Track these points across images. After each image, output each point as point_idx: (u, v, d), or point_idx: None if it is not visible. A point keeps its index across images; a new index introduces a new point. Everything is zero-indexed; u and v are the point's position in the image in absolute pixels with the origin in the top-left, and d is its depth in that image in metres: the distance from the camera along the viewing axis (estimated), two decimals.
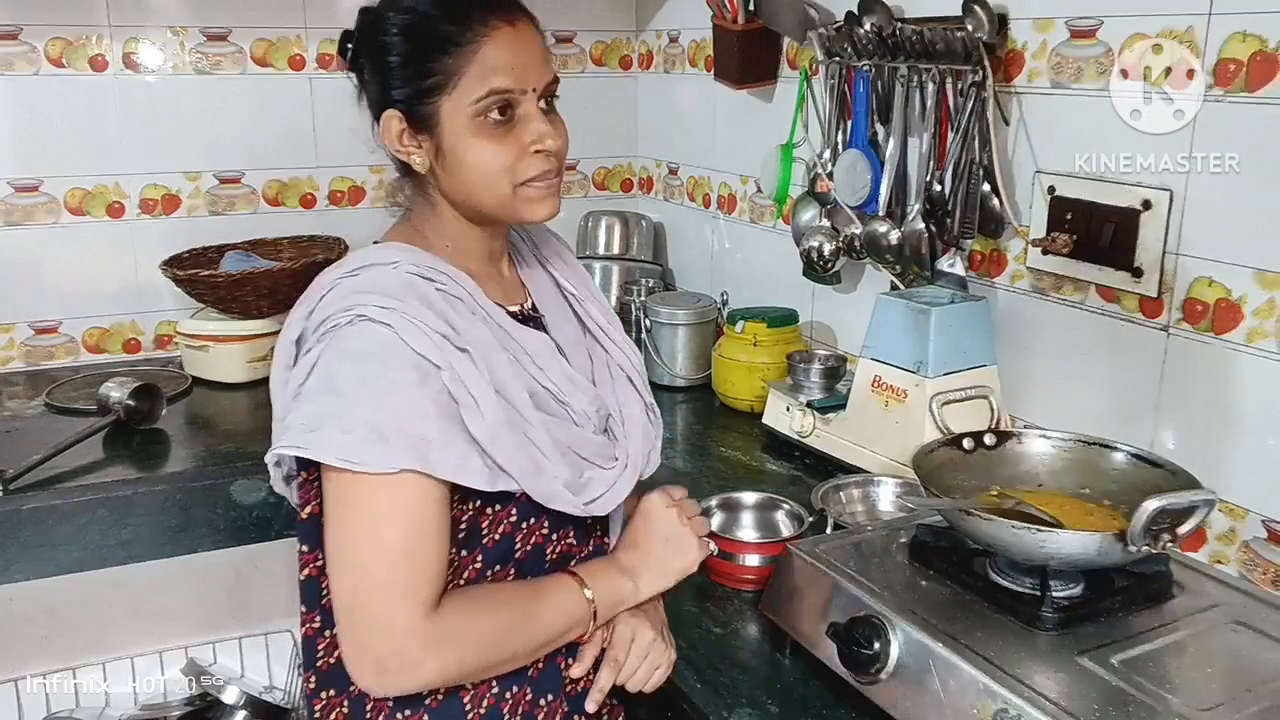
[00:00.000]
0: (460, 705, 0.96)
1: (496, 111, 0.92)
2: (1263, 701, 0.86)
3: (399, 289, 0.91)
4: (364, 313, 0.89)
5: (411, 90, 0.93)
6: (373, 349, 0.88)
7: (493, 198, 0.95)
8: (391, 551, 0.87)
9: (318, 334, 0.91)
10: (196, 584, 1.91)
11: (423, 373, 0.88)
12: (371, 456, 0.85)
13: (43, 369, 2.05)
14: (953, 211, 1.51)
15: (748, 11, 1.85)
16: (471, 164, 0.93)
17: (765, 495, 1.38)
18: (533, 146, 0.94)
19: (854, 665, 0.98)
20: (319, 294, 0.93)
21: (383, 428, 0.85)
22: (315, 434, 0.86)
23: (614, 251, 2.33)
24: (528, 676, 0.98)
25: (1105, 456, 1.12)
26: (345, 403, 0.86)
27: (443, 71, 0.91)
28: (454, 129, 0.93)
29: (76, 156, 2.01)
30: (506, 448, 0.91)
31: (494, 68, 0.91)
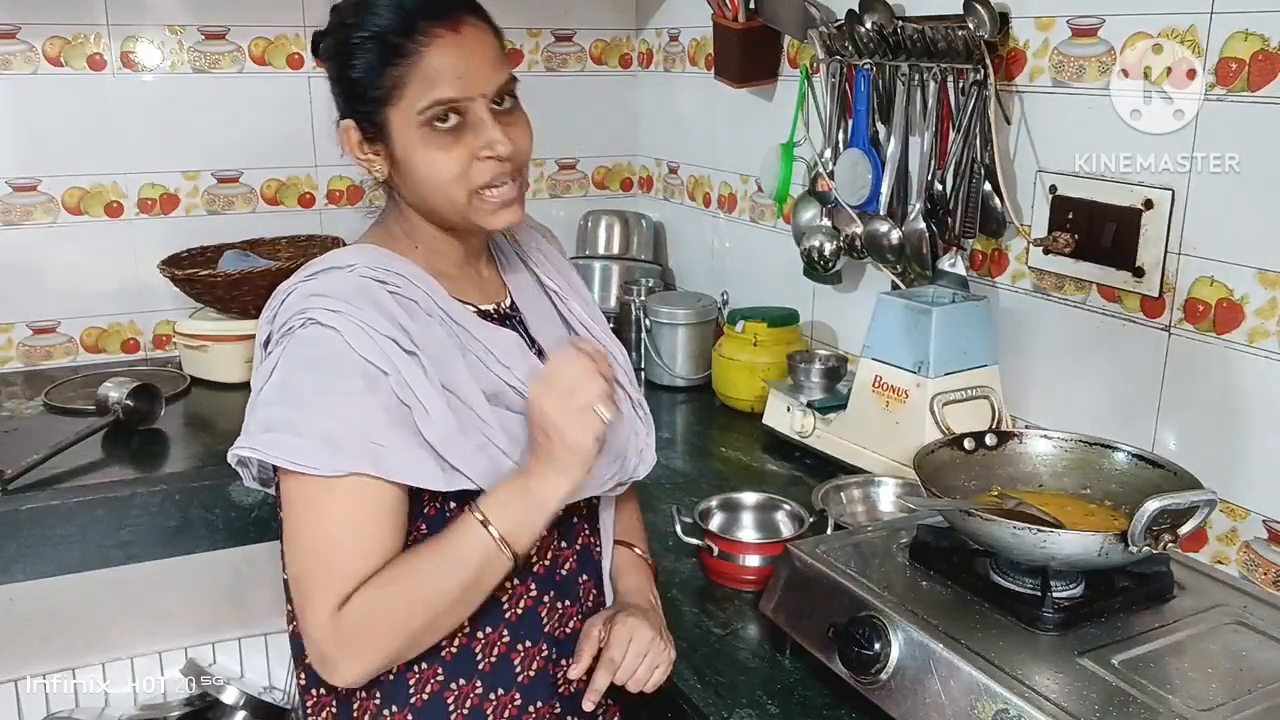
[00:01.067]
0: (444, 705, 0.96)
1: (443, 121, 0.91)
2: (1263, 702, 0.86)
3: (351, 292, 0.91)
4: (314, 316, 0.90)
5: (362, 101, 0.93)
6: (323, 355, 0.89)
7: (449, 206, 0.95)
8: (330, 550, 0.89)
9: (276, 338, 0.93)
10: (196, 584, 1.91)
11: (370, 379, 0.89)
12: (322, 461, 0.87)
13: (41, 369, 2.05)
14: (954, 211, 1.51)
15: (748, 10, 1.85)
16: (423, 174, 0.93)
17: (765, 496, 1.38)
18: (483, 153, 0.92)
19: (854, 665, 0.98)
20: (281, 297, 0.95)
21: (333, 434, 0.87)
22: (268, 436, 0.88)
23: (614, 251, 2.32)
24: (517, 681, 0.99)
25: (1106, 457, 1.12)
26: (298, 408, 0.88)
27: (389, 83, 0.91)
28: (404, 139, 0.92)
29: (74, 156, 2.01)
30: (460, 449, 0.91)
31: (437, 77, 0.90)
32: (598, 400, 0.88)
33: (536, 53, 2.32)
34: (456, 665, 0.97)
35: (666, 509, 1.38)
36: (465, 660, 0.97)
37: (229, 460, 0.97)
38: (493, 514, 0.90)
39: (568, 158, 2.43)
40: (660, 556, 1.34)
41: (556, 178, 2.43)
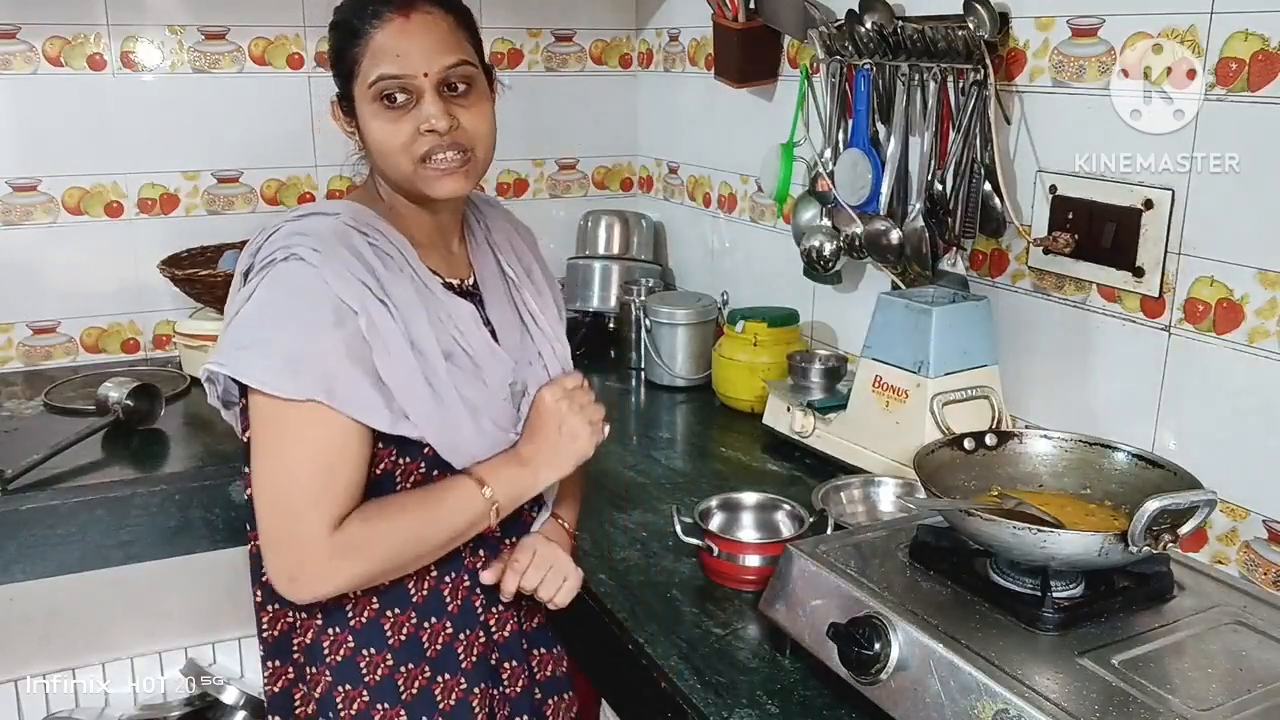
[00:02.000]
0: (380, 630, 1.05)
1: (388, 96, 1.01)
2: (1263, 702, 0.86)
3: (332, 235, 1.00)
4: (297, 252, 0.98)
5: (338, 78, 1.05)
6: (299, 286, 0.97)
7: (397, 173, 1.04)
8: (301, 471, 0.96)
9: (258, 267, 1.01)
10: (196, 584, 1.91)
11: (340, 315, 0.96)
12: (284, 383, 0.94)
13: (41, 369, 2.05)
14: (954, 211, 1.51)
15: (748, 10, 1.85)
16: (374, 143, 1.04)
17: (766, 496, 1.38)
18: (423, 126, 1.01)
19: (854, 665, 0.98)
20: (266, 234, 1.03)
21: (296, 359, 0.94)
22: (238, 354, 0.96)
23: (614, 251, 2.32)
24: (447, 611, 1.08)
25: (1106, 457, 1.12)
26: (268, 333, 0.96)
27: (350, 60, 1.02)
28: (362, 112, 1.03)
29: (75, 156, 2.01)
30: (413, 395, 0.99)
31: (381, 55, 1.00)
32: (602, 419, 1.12)
33: (536, 53, 2.32)
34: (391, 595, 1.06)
35: (666, 509, 1.39)
36: (399, 591, 1.06)
37: (199, 375, 1.05)
38: (495, 483, 1.04)
39: (568, 158, 2.43)
40: (660, 556, 1.34)
41: (556, 178, 2.43)
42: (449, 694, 1.08)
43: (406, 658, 1.06)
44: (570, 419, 1.08)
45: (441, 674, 1.08)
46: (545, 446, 1.08)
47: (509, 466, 1.07)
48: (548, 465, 1.08)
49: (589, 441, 1.10)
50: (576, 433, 1.08)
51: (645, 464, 1.64)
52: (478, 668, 1.10)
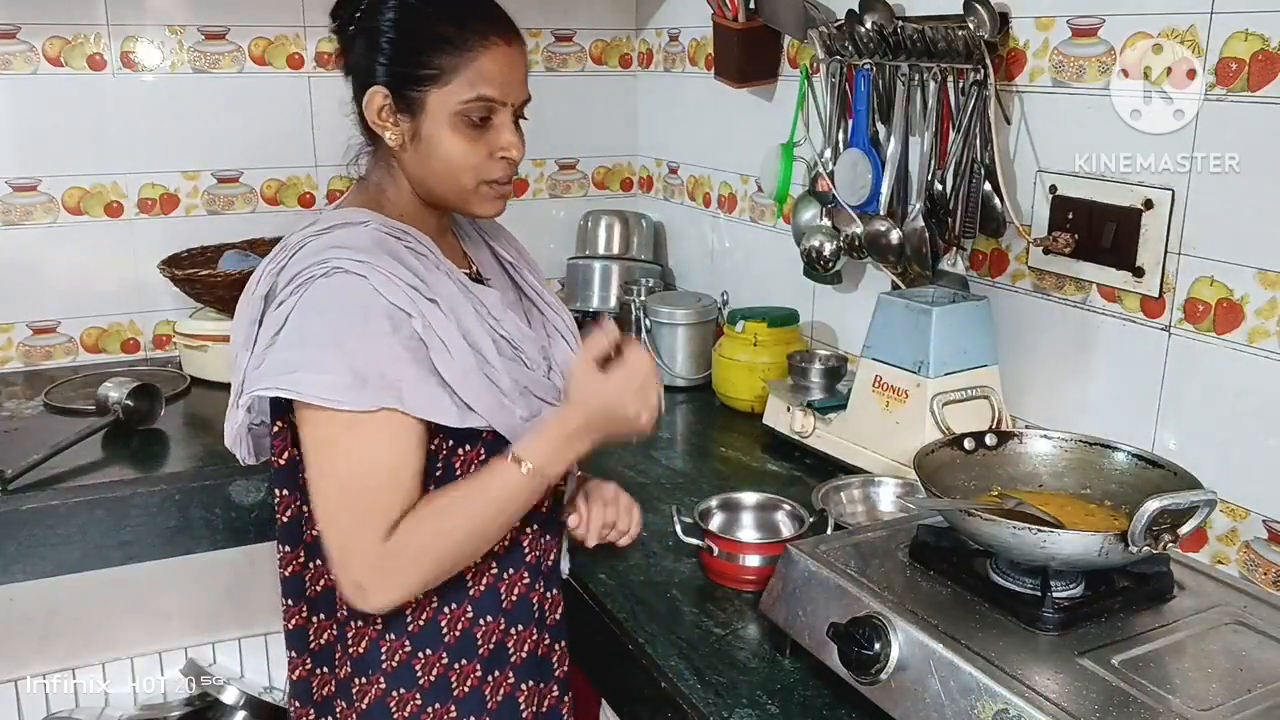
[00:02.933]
0: (437, 629, 1.05)
1: (477, 115, 1.01)
2: (1263, 702, 0.86)
3: (370, 244, 0.99)
4: (339, 265, 0.96)
5: (404, 73, 1.00)
6: (348, 299, 0.95)
7: (452, 188, 1.04)
8: (370, 480, 0.95)
9: (289, 287, 0.97)
10: (195, 584, 1.91)
11: (395, 321, 0.96)
12: (351, 396, 0.93)
13: (41, 369, 2.05)
14: (954, 211, 1.51)
15: (748, 10, 1.85)
16: (443, 155, 1.02)
17: (766, 496, 1.38)
18: (500, 153, 1.03)
19: (854, 665, 0.98)
20: (289, 251, 1.01)
21: (361, 371, 0.93)
22: (295, 375, 0.94)
23: (614, 251, 2.32)
24: (501, 608, 1.08)
25: (1106, 457, 1.12)
26: (324, 348, 0.94)
27: (439, 67, 0.99)
28: (435, 119, 1.01)
29: (74, 156, 2.01)
30: (474, 387, 0.99)
31: (486, 77, 1.00)
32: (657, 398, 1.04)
33: (536, 52, 2.32)
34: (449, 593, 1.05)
35: (666, 509, 1.38)
36: (457, 588, 1.05)
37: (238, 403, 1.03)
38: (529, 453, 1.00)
39: (568, 158, 2.43)
40: (660, 556, 1.34)
41: (556, 178, 2.43)
42: (497, 690, 1.09)
43: (460, 655, 1.06)
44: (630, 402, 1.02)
45: (492, 671, 1.08)
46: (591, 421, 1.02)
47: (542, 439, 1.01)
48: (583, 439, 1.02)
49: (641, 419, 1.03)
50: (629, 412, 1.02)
51: (645, 464, 1.64)
52: (526, 663, 1.11)
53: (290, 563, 1.09)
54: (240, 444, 1.10)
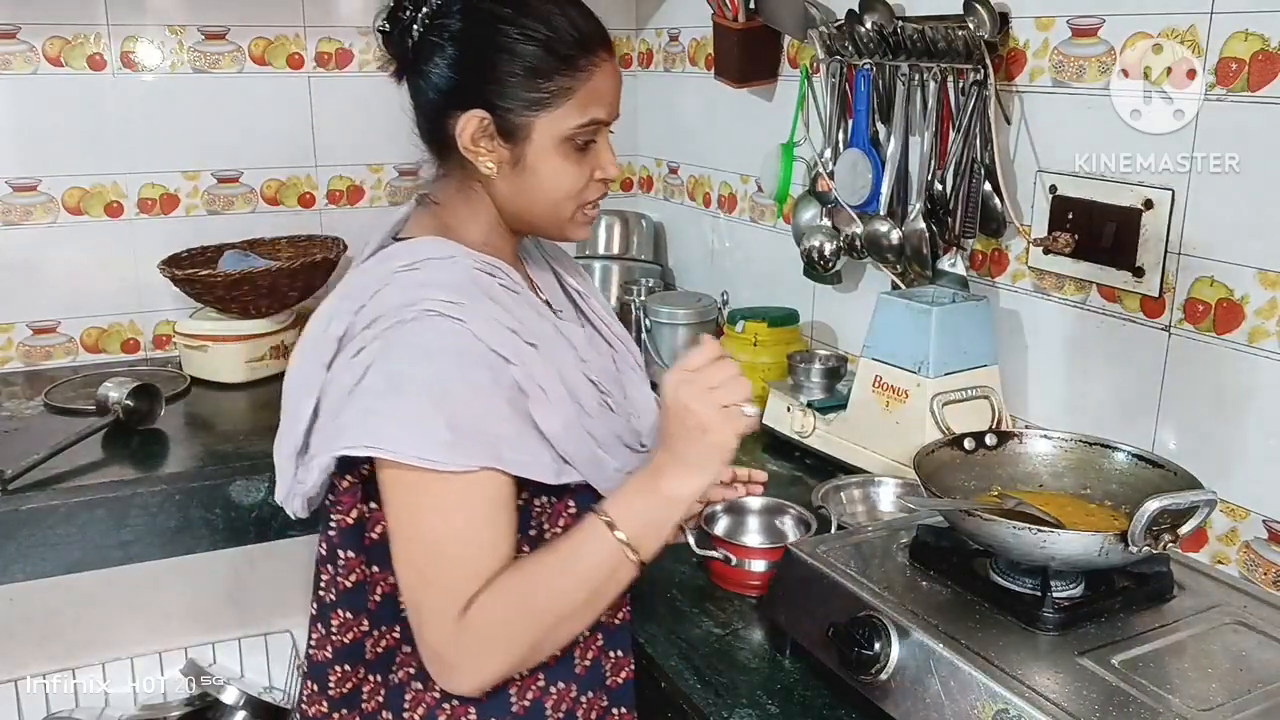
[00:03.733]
0: (505, 698, 0.95)
1: (583, 140, 0.94)
2: (1263, 702, 0.86)
3: (465, 284, 0.90)
4: (432, 308, 0.87)
5: (511, 98, 0.91)
6: (445, 346, 0.86)
7: (551, 214, 0.97)
8: (455, 550, 0.86)
9: (373, 330, 0.88)
10: (195, 584, 1.91)
11: (495, 370, 0.87)
12: (449, 455, 0.83)
13: (41, 369, 2.05)
14: (954, 211, 1.51)
15: (748, 10, 1.85)
16: (548, 183, 0.94)
17: (772, 500, 1.36)
18: (599, 174, 0.97)
19: (854, 665, 0.98)
20: (370, 289, 0.90)
21: (459, 427, 0.84)
22: (385, 432, 0.84)
23: (614, 251, 2.32)
24: (574, 674, 0.99)
25: (1106, 457, 1.12)
26: (418, 401, 0.84)
27: (551, 91, 0.91)
28: (541, 145, 0.93)
29: (74, 156, 2.01)
30: (574, 440, 0.91)
31: (597, 99, 0.93)
32: (744, 399, 0.88)
33: None
34: None
35: None
36: None
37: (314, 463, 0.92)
38: (620, 517, 0.89)
39: None
40: (660, 557, 1.34)
41: None
42: None
43: None
44: (701, 414, 0.86)
45: None
46: (674, 455, 0.89)
47: (632, 493, 0.90)
48: (677, 478, 0.89)
49: (726, 432, 0.87)
50: (706, 424, 0.87)
51: None
52: None
53: (350, 629, 0.97)
54: (295, 497, 0.98)
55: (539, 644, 0.90)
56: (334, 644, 0.98)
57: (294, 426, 0.94)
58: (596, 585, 0.89)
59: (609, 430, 0.96)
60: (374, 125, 2.18)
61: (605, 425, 0.96)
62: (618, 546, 0.88)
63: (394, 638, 0.97)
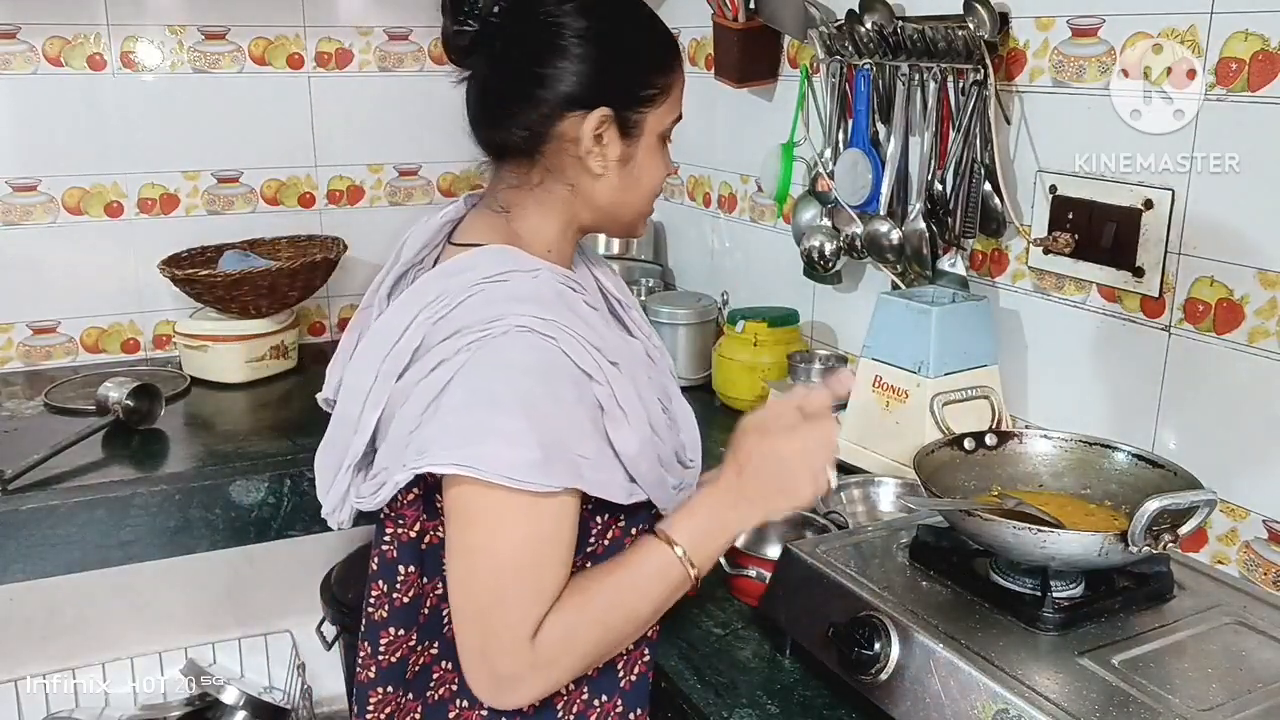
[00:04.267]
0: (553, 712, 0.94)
1: (669, 135, 0.96)
2: (1263, 702, 0.86)
3: (552, 299, 0.88)
4: (523, 323, 0.84)
5: (630, 95, 0.91)
6: (534, 362, 0.84)
7: (640, 209, 0.98)
8: (529, 571, 0.84)
9: (456, 341, 0.85)
10: (195, 584, 1.91)
11: (580, 388, 0.86)
12: (538, 475, 0.82)
13: (41, 369, 2.05)
14: (954, 211, 1.51)
15: (748, 10, 1.85)
16: (649, 179, 0.96)
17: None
18: (667, 171, 0.98)
19: (854, 665, 0.98)
20: (452, 299, 0.87)
21: (548, 446, 0.82)
22: (475, 449, 0.81)
23: (614, 251, 2.32)
24: (619, 688, 0.98)
25: (1106, 457, 1.12)
26: (510, 418, 0.82)
27: (661, 86, 0.93)
28: (649, 142, 0.94)
29: (74, 156, 2.01)
30: (645, 461, 0.90)
31: (679, 97, 0.96)
32: (831, 465, 0.89)
33: None
34: None
35: None
36: None
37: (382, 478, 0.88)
38: (684, 536, 0.89)
39: None
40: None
41: None
42: None
43: None
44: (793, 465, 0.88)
45: None
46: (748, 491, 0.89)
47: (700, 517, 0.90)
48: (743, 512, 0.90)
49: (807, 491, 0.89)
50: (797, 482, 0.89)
51: None
52: None
53: (399, 647, 0.95)
54: (343, 509, 0.96)
55: (600, 659, 0.91)
56: (379, 664, 0.96)
57: (353, 439, 0.92)
58: (659, 602, 0.90)
59: (669, 448, 0.96)
60: (374, 125, 2.19)
61: (667, 443, 0.95)
62: (680, 566, 0.88)
63: (432, 654, 0.96)
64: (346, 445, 0.93)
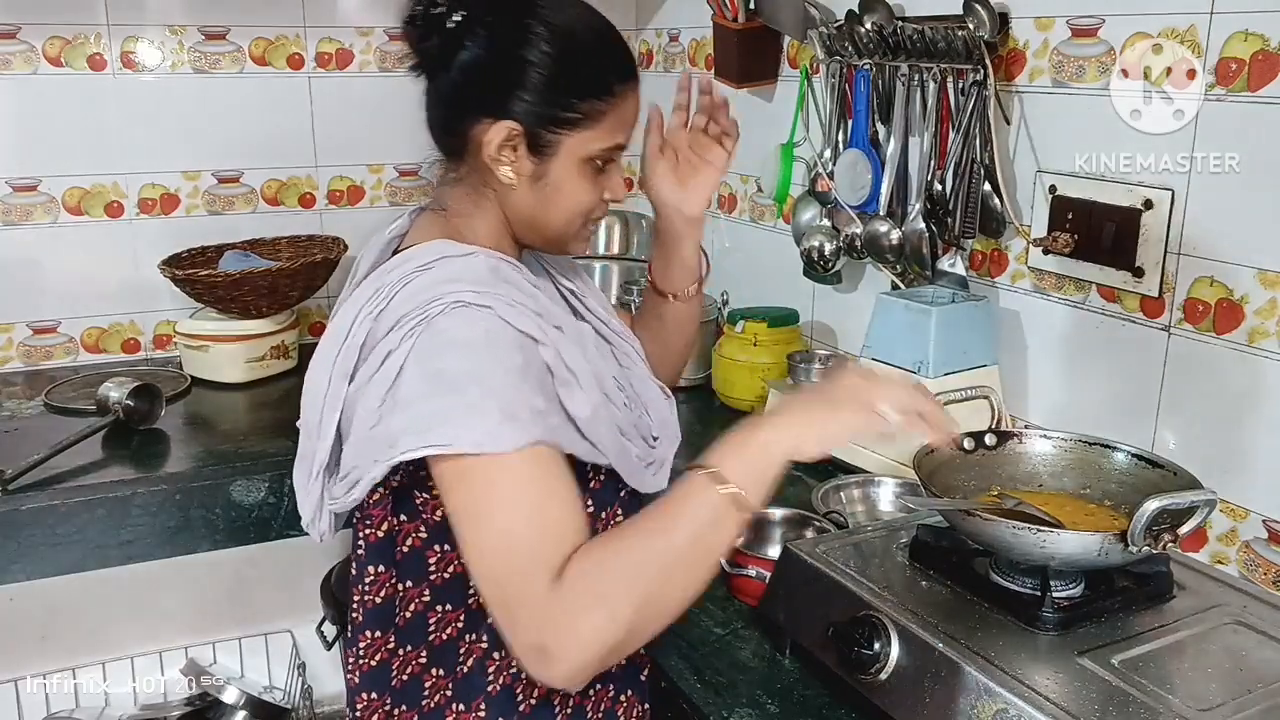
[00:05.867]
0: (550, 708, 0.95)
1: (603, 161, 0.96)
2: (1263, 702, 0.86)
3: (486, 274, 0.90)
4: (460, 299, 0.86)
5: (544, 113, 0.91)
6: (476, 334, 0.85)
7: (560, 229, 0.98)
8: (527, 523, 0.82)
9: (399, 331, 0.86)
10: (196, 584, 1.91)
11: (526, 352, 0.87)
12: (507, 436, 0.82)
13: (41, 369, 2.05)
14: (954, 211, 1.51)
15: (748, 10, 1.85)
16: (566, 201, 0.96)
17: (794, 511, 1.33)
18: (608, 195, 0.99)
19: (854, 665, 0.98)
20: (387, 293, 0.89)
21: (509, 407, 0.82)
22: (439, 430, 0.82)
23: (614, 251, 2.32)
24: (609, 673, 0.98)
25: (1106, 457, 1.12)
26: (464, 390, 0.83)
27: (584, 112, 0.92)
28: (566, 164, 0.94)
29: (75, 156, 2.01)
30: (602, 425, 0.91)
31: (622, 125, 0.96)
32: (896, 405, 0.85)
33: None
34: None
35: None
36: None
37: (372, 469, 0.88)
38: (711, 459, 0.85)
39: None
40: None
41: None
42: None
43: None
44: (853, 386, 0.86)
45: None
46: (790, 404, 0.88)
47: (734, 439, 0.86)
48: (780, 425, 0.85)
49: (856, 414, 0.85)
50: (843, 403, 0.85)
51: None
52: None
53: (378, 650, 0.96)
54: (321, 517, 0.96)
55: (645, 603, 0.81)
56: (361, 668, 0.97)
57: (318, 444, 0.92)
58: (696, 532, 0.83)
59: (629, 421, 0.97)
60: (374, 125, 2.19)
61: (626, 417, 0.97)
62: (711, 488, 0.83)
63: (420, 663, 0.96)
64: (312, 454, 0.94)
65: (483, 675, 0.95)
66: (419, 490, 0.92)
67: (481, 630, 0.94)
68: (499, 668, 0.95)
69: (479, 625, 0.94)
